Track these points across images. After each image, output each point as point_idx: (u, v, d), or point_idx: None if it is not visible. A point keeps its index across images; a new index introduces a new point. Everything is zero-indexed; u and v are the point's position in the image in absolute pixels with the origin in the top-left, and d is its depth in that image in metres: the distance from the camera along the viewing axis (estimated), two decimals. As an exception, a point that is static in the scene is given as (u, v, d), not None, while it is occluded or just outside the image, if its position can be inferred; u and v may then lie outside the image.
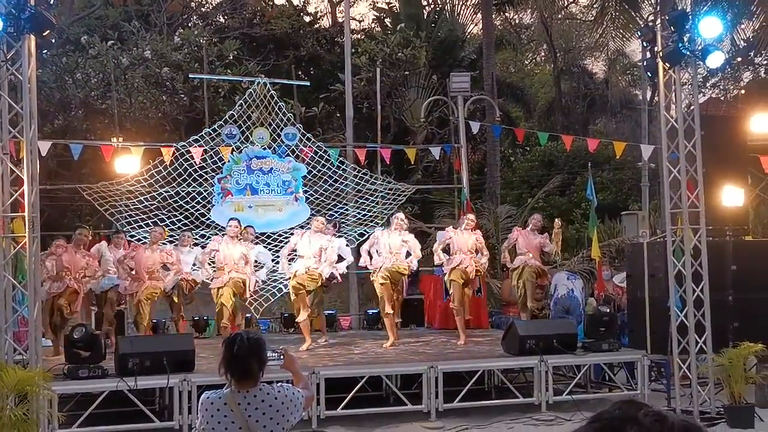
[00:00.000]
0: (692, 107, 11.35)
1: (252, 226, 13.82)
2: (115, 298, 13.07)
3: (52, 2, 9.94)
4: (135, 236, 14.40)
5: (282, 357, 4.56)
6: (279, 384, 4.38)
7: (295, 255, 12.77)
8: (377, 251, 12.90)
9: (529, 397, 11.21)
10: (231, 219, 13.28)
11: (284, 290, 15.15)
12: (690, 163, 10.98)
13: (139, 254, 12.83)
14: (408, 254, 12.93)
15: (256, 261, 13.05)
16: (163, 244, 13.42)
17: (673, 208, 11.17)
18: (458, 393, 10.88)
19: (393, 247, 12.78)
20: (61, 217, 18.44)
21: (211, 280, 12.96)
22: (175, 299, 13.27)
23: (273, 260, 13.78)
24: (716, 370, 10.66)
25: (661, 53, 10.93)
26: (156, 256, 12.84)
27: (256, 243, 13.83)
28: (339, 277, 13.06)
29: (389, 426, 10.50)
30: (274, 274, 14.75)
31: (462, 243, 13.16)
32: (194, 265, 13.54)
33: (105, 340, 10.77)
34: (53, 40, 9.93)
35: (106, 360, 10.28)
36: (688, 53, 10.74)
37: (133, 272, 12.81)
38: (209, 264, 13.26)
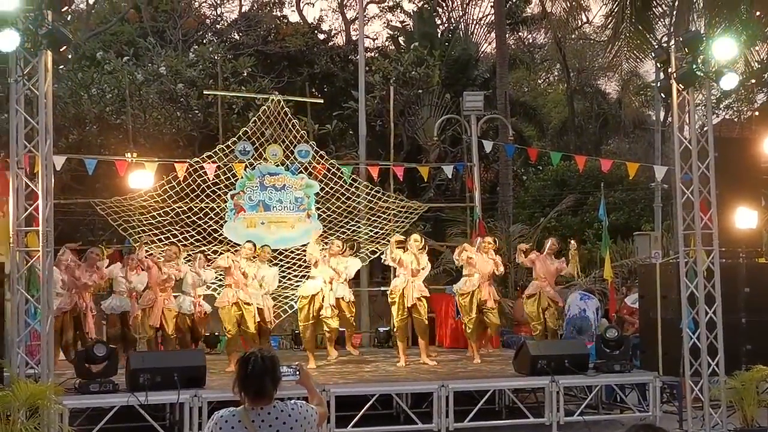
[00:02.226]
0: (706, 128, 11.34)
1: (268, 246, 13.86)
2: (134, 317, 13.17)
3: (68, 18, 10.01)
4: (148, 251, 14.41)
5: (298, 372, 4.55)
6: (293, 401, 4.37)
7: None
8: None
9: (540, 418, 11.16)
10: (247, 241, 13.35)
11: (295, 307, 15.19)
12: (703, 184, 10.96)
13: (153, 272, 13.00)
14: None
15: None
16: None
17: (686, 230, 11.14)
18: (469, 412, 10.85)
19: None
20: (74, 232, 18.47)
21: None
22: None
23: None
24: (729, 392, 10.60)
25: (675, 74, 10.93)
26: (172, 272, 12.97)
27: (272, 265, 13.90)
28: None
29: (399, 445, 10.49)
30: (286, 292, 14.78)
31: (482, 266, 13.34)
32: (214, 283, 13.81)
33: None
34: (69, 56, 9.97)
35: (117, 375, 10.32)
36: (702, 75, 10.74)
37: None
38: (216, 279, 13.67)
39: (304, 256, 15.22)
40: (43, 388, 8.48)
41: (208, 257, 14.34)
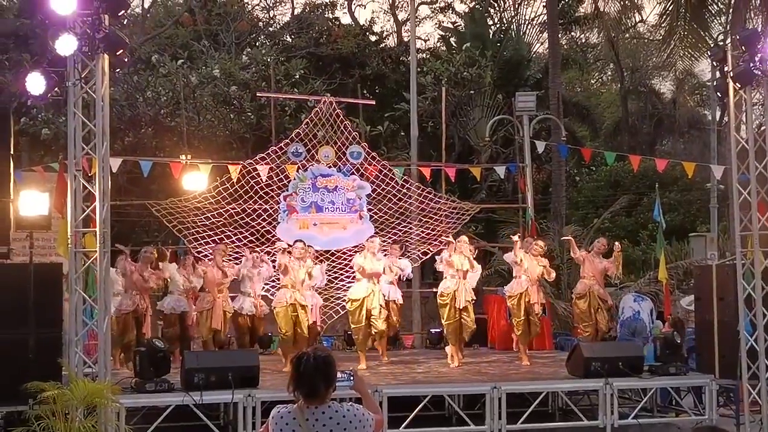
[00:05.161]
0: (763, 128, 11.16)
1: (310, 245, 13.85)
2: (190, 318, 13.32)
3: (125, 22, 10.15)
4: (202, 252, 14.56)
5: (352, 378, 4.55)
6: (349, 403, 4.37)
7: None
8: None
9: (593, 420, 11.07)
10: (297, 240, 13.37)
11: (347, 308, 15.24)
12: (761, 184, 10.80)
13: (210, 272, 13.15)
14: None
15: None
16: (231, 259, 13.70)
17: (743, 231, 10.98)
18: (522, 414, 10.80)
19: None
20: (130, 233, 18.70)
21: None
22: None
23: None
24: (787, 396, 10.42)
25: (731, 73, 10.79)
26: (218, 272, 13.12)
27: (316, 262, 13.85)
28: None
29: (452, 446, 10.47)
30: (338, 293, 14.82)
31: (531, 269, 13.23)
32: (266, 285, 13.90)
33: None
34: (126, 60, 10.12)
35: (172, 375, 10.44)
36: (759, 73, 10.58)
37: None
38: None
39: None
40: (101, 387, 8.60)
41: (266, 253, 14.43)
